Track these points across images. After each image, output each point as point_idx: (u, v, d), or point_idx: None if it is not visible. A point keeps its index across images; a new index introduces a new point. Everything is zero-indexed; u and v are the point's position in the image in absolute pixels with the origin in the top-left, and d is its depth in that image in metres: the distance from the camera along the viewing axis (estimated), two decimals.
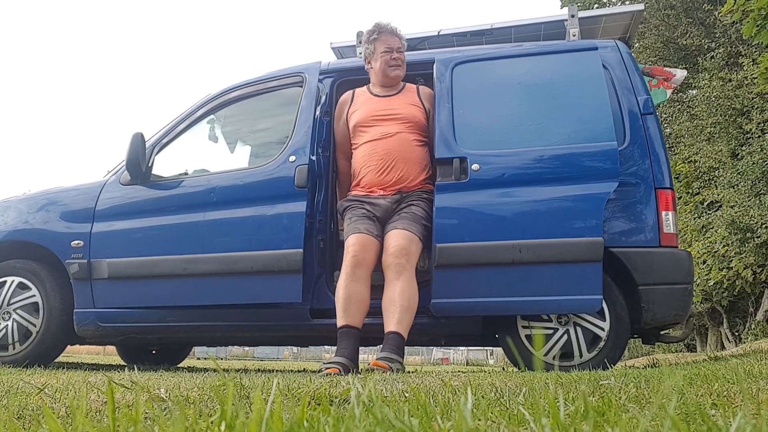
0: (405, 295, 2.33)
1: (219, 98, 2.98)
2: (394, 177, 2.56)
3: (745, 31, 4.81)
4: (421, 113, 2.67)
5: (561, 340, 2.45)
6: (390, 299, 2.34)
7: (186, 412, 0.70)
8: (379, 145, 2.59)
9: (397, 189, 2.57)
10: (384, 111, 2.65)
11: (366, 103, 2.70)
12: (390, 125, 2.61)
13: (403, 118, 2.63)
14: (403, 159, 2.58)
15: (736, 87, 10.18)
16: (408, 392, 1.12)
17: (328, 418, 0.71)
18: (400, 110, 2.64)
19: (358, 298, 2.38)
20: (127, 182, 2.88)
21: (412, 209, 2.53)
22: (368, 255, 2.44)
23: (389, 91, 2.72)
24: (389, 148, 2.58)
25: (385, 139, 2.59)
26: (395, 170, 2.57)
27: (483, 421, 0.70)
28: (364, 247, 2.43)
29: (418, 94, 2.72)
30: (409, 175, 2.58)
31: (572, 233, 2.39)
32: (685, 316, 2.55)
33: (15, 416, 0.85)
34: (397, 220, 2.49)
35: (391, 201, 2.56)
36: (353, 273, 2.40)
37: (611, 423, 0.70)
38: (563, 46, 2.79)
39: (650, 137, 2.59)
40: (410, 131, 2.62)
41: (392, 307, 2.31)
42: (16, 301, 2.89)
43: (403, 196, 2.57)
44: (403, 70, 2.71)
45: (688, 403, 0.85)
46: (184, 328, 2.80)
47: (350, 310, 2.36)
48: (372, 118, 2.64)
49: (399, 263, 2.37)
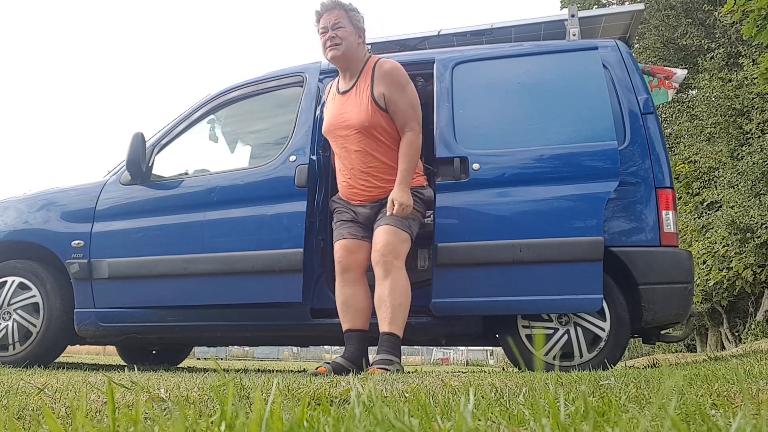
0: (396, 292, 2.27)
1: (219, 98, 2.98)
2: (366, 189, 2.46)
3: (745, 31, 4.81)
4: (369, 114, 2.39)
5: (561, 340, 2.45)
6: (381, 298, 2.29)
7: (186, 412, 0.70)
8: (345, 161, 2.48)
9: (373, 198, 2.46)
10: (339, 119, 2.46)
11: (328, 106, 2.55)
12: (347, 139, 2.44)
13: (355, 130, 2.42)
14: (368, 173, 2.44)
15: (736, 87, 10.17)
16: (408, 392, 1.12)
17: (328, 418, 0.70)
18: (351, 118, 2.43)
19: (354, 302, 2.37)
20: (128, 182, 2.88)
21: None
22: (356, 257, 2.40)
23: (348, 82, 2.48)
24: (353, 166, 2.45)
25: (347, 155, 2.46)
26: (366, 183, 2.46)
27: (483, 421, 0.70)
28: (349, 252, 2.40)
29: (371, 83, 2.41)
30: (379, 185, 2.45)
31: (573, 233, 2.39)
32: (685, 316, 2.55)
33: (15, 416, 0.85)
34: (383, 217, 2.40)
35: (371, 209, 2.47)
36: (343, 278, 2.40)
37: (611, 423, 0.70)
38: (563, 46, 2.78)
39: (650, 137, 2.59)
40: (367, 141, 2.42)
41: (384, 306, 2.27)
42: (17, 301, 2.89)
43: (382, 203, 2.45)
44: (342, 48, 2.40)
45: (688, 403, 0.85)
46: (185, 328, 2.80)
47: (348, 315, 2.37)
48: (331, 131, 2.50)
49: (386, 261, 2.31)
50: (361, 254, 2.41)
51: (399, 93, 2.41)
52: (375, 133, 2.43)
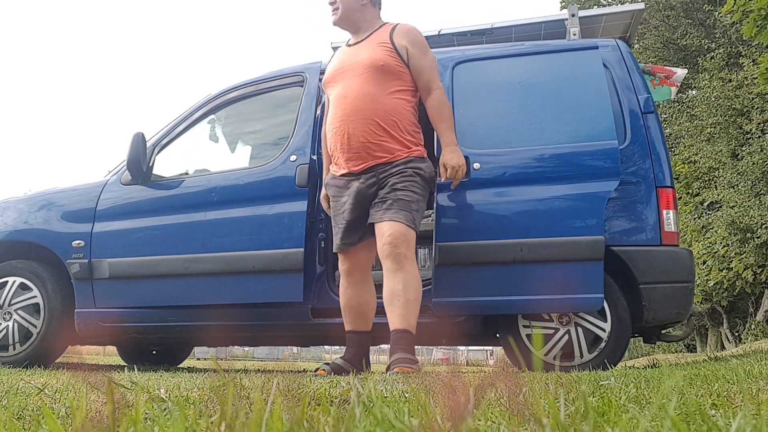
0: (410, 287, 2.12)
1: (219, 98, 2.98)
2: (358, 145, 2.15)
3: (745, 31, 4.82)
4: (387, 53, 2.20)
5: (562, 340, 2.45)
6: (393, 293, 2.13)
7: (186, 412, 0.70)
8: (338, 106, 2.20)
9: (366, 163, 2.17)
10: (347, 62, 2.24)
11: (335, 57, 2.36)
12: (351, 79, 2.18)
13: (363, 66, 2.18)
14: (365, 121, 2.13)
15: (736, 87, 10.17)
16: (408, 392, 1.12)
17: (328, 418, 0.70)
18: (362, 59, 2.21)
19: (357, 303, 2.30)
20: (128, 182, 2.88)
21: (398, 194, 2.17)
22: (357, 260, 2.29)
23: (359, 37, 2.31)
24: (346, 108, 2.15)
25: (344, 97, 2.18)
26: (357, 136, 2.15)
27: (483, 421, 0.70)
28: (347, 258, 2.29)
29: (390, 32, 2.25)
30: (378, 142, 2.15)
31: (573, 232, 2.39)
32: (686, 315, 2.55)
33: (15, 416, 0.85)
34: (383, 209, 2.16)
35: (366, 183, 2.19)
36: (347, 280, 2.32)
37: (611, 423, 0.70)
38: (564, 45, 2.79)
39: (651, 136, 2.59)
40: (375, 80, 2.15)
41: (396, 301, 2.12)
42: (17, 301, 2.88)
43: (379, 176, 2.17)
44: (340, 12, 2.29)
45: (688, 403, 0.85)
46: (185, 328, 2.80)
47: (351, 315, 2.31)
48: (335, 73, 2.26)
49: (398, 253, 2.12)
50: (362, 254, 2.30)
51: (422, 52, 2.26)
52: (386, 77, 2.18)
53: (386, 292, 2.17)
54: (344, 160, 2.23)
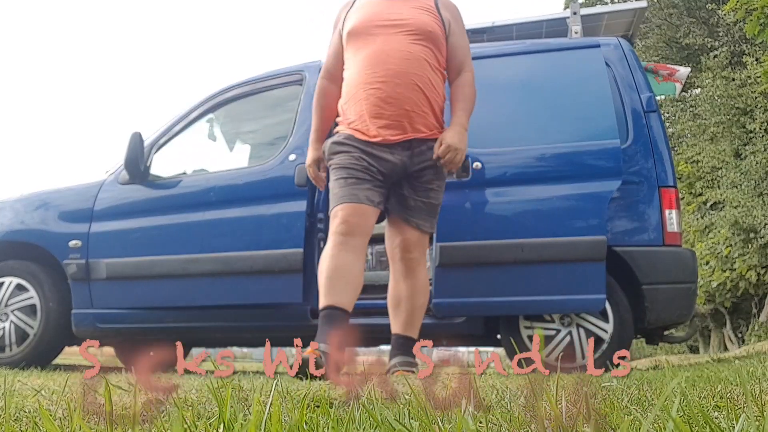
0: (418, 294, 2.01)
1: (218, 97, 2.97)
2: (401, 112, 1.91)
3: (748, 29, 4.80)
4: (435, 22, 2.01)
5: (563, 342, 2.44)
6: (399, 298, 2.02)
7: (184, 414, 0.70)
8: (377, 65, 1.92)
9: (405, 135, 1.93)
10: (385, 15, 1.99)
11: (366, 6, 2.05)
12: (392, 36, 1.94)
13: (410, 27, 1.96)
14: (411, 86, 1.91)
15: (740, 86, 10.14)
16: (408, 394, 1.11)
17: (328, 420, 0.70)
18: (406, 15, 1.98)
19: (350, 272, 1.88)
20: (126, 182, 2.87)
21: (430, 196, 2.01)
22: (366, 222, 1.92)
23: None
24: (390, 69, 1.90)
25: (385, 55, 1.92)
26: (401, 102, 1.90)
27: (484, 423, 0.69)
28: (360, 216, 1.89)
29: (434, 3, 2.06)
30: (421, 113, 1.94)
31: (575, 232, 2.38)
32: (689, 316, 2.54)
33: (12, 418, 0.84)
34: (411, 208, 1.98)
35: (399, 157, 1.94)
36: (344, 242, 1.87)
37: (614, 425, 0.69)
38: (565, 44, 2.78)
39: (653, 135, 2.58)
40: (421, 45, 1.95)
41: (402, 306, 2.01)
42: (14, 302, 2.87)
43: (414, 150, 1.96)
44: None
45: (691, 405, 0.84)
46: (184, 329, 2.80)
47: (338, 287, 1.85)
48: (371, 24, 1.98)
49: (412, 258, 1.99)
50: (372, 220, 1.96)
51: (462, 30, 2.10)
52: (432, 46, 1.97)
53: (392, 294, 2.05)
54: (378, 127, 1.92)
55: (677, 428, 0.50)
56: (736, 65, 10.80)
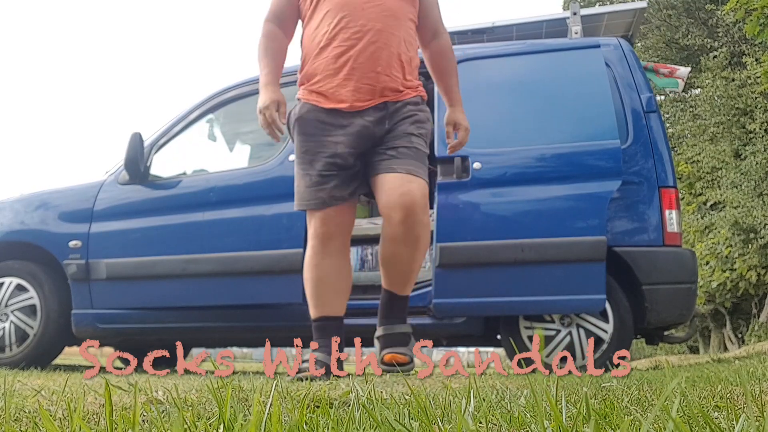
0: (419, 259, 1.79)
1: (218, 97, 2.97)
2: (370, 74, 1.71)
3: (748, 29, 4.81)
4: None
5: (563, 342, 2.45)
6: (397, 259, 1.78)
7: (184, 414, 0.70)
8: (349, 19, 1.70)
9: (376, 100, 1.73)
10: None
11: None
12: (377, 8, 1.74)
13: None
14: (385, 45, 1.71)
15: (740, 86, 10.15)
16: (408, 394, 1.11)
17: (328, 420, 0.70)
18: None
19: (336, 278, 1.79)
20: (126, 182, 2.87)
21: (413, 140, 1.77)
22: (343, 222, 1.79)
23: None
24: (364, 25, 1.69)
25: (359, 9, 1.71)
26: (372, 62, 1.70)
27: (484, 423, 0.69)
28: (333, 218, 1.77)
29: None
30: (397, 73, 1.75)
31: (575, 232, 2.38)
32: (689, 316, 2.54)
33: (12, 419, 0.84)
34: (394, 157, 1.74)
35: (373, 121, 1.74)
36: (325, 248, 1.78)
37: (613, 425, 0.69)
38: (565, 44, 2.77)
39: (653, 135, 2.58)
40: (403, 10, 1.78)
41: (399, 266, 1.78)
42: (14, 302, 2.87)
43: (389, 110, 1.76)
44: None
45: (690, 405, 0.84)
46: (184, 330, 2.80)
47: (326, 296, 1.79)
48: None
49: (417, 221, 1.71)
50: (348, 214, 1.81)
51: None
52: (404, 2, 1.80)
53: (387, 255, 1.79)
54: (347, 90, 1.71)
55: (677, 428, 0.50)
56: (736, 65, 10.81)
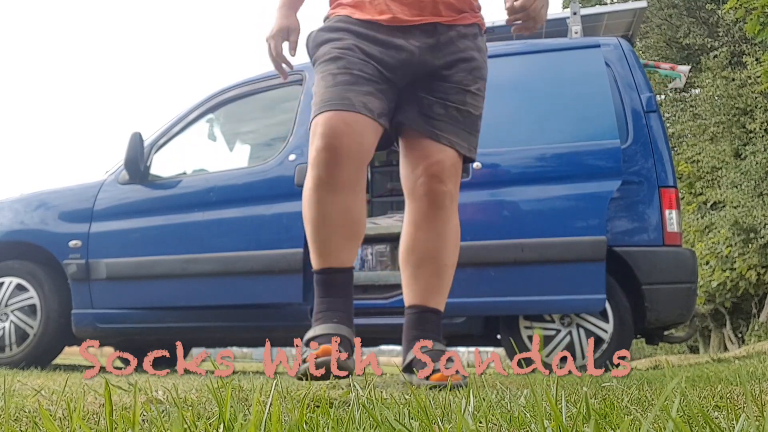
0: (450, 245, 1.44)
1: (218, 97, 2.97)
2: None
3: (749, 29, 4.81)
4: None
5: (563, 342, 2.45)
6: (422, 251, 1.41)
7: (184, 414, 0.70)
8: None
9: (425, 17, 1.38)
10: None
11: None
12: None
13: None
14: None
15: (740, 86, 10.15)
16: (408, 394, 1.11)
17: (328, 420, 0.70)
18: None
19: (345, 218, 1.32)
20: (126, 182, 2.87)
21: (467, 101, 1.42)
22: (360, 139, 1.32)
23: None
24: None
25: None
26: None
27: (484, 423, 0.69)
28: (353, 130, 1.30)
29: None
30: None
31: (575, 232, 2.38)
32: (689, 316, 2.54)
33: (12, 418, 0.84)
34: (440, 119, 1.39)
35: (417, 44, 1.38)
36: (332, 176, 1.29)
37: (613, 425, 0.69)
38: (565, 44, 2.77)
39: (653, 135, 2.58)
40: None
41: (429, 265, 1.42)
42: (14, 302, 2.87)
43: (440, 37, 1.39)
44: None
45: (690, 405, 0.84)
46: (183, 329, 2.80)
47: (332, 242, 1.32)
48: None
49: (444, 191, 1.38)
50: (370, 139, 1.34)
51: None
52: None
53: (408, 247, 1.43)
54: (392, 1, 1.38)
55: (677, 428, 0.50)
56: (736, 65, 10.81)
